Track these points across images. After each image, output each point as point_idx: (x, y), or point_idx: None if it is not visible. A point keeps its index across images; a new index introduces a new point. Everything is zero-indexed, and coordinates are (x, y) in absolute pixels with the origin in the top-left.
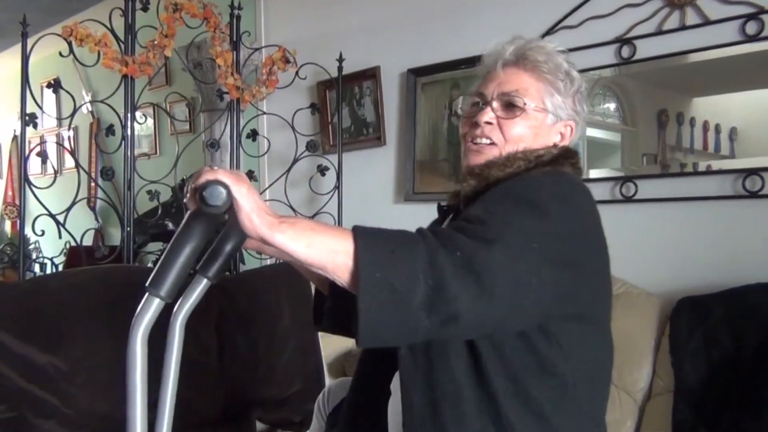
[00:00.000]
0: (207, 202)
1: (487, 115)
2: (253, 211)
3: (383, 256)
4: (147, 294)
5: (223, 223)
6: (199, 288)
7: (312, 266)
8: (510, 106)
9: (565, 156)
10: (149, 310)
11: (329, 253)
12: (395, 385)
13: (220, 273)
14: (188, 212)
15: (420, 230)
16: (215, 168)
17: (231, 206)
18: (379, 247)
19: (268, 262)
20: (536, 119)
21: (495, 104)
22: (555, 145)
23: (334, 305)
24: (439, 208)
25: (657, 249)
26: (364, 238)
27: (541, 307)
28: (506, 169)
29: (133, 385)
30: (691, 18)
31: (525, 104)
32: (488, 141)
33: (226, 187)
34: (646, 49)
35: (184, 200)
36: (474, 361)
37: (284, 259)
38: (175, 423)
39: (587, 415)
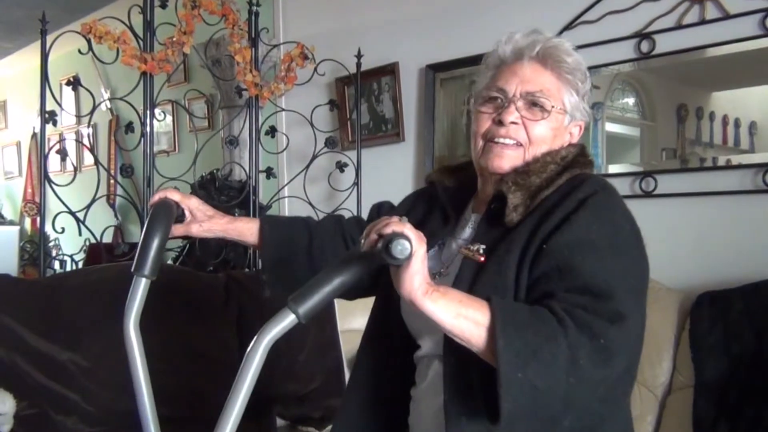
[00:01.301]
0: (392, 254)
1: (513, 114)
2: (418, 273)
3: (525, 357)
4: (285, 307)
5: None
6: (141, 288)
7: (455, 336)
8: (535, 106)
9: (583, 154)
10: (282, 322)
11: (474, 327)
12: (416, 393)
13: (156, 268)
14: (357, 250)
15: (559, 316)
16: (403, 220)
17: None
18: (520, 345)
19: None
20: (557, 120)
21: (519, 103)
22: (571, 144)
23: (274, 277)
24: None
25: (677, 244)
26: (504, 325)
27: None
28: (543, 175)
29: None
30: (711, 12)
31: (552, 106)
32: (513, 141)
33: (411, 243)
34: (665, 43)
35: (362, 239)
36: None
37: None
38: (195, 418)
39: (626, 410)
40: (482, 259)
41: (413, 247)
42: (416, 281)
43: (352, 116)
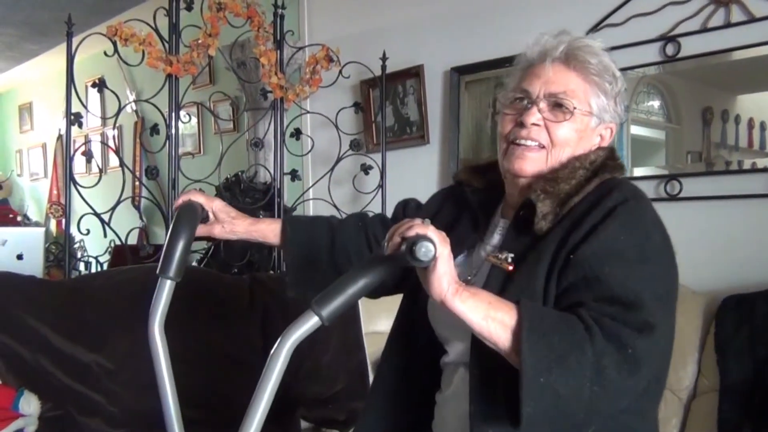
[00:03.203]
0: (416, 257)
1: (535, 116)
2: (446, 275)
3: (550, 362)
4: (309, 309)
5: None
6: (165, 290)
7: (483, 337)
8: (558, 108)
9: (612, 158)
10: (306, 324)
11: (502, 329)
12: (441, 398)
13: (181, 270)
14: (381, 253)
15: (587, 324)
16: (426, 222)
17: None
18: (545, 349)
19: None
20: (582, 122)
21: (542, 104)
22: (600, 148)
23: (296, 278)
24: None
25: (702, 247)
26: (531, 328)
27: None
28: (571, 182)
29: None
30: (736, 15)
31: (575, 108)
32: (535, 143)
33: (434, 245)
34: (690, 46)
35: (385, 242)
36: None
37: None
38: (220, 421)
39: (653, 420)
40: (510, 267)
41: (437, 248)
42: (444, 282)
43: (377, 119)
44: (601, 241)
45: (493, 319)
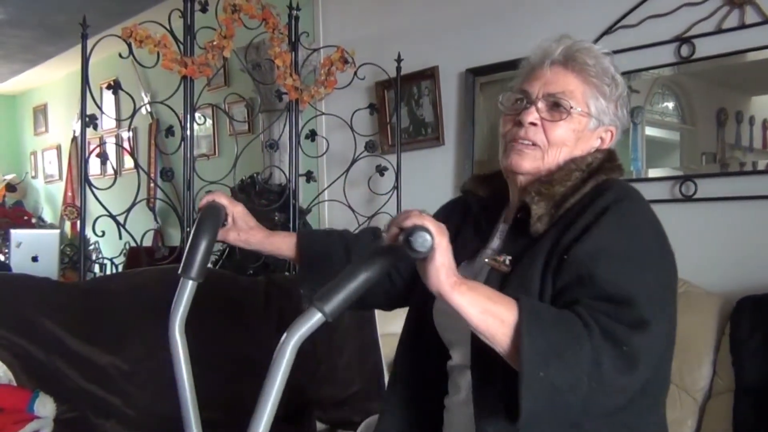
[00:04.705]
0: (413, 247)
1: (532, 115)
2: (443, 266)
3: (548, 356)
4: (311, 306)
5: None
6: (187, 291)
7: (479, 332)
8: (555, 107)
9: (610, 159)
10: (309, 322)
11: (500, 325)
12: (449, 403)
13: (202, 271)
14: (380, 245)
15: (585, 320)
16: (423, 212)
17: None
18: (543, 344)
19: None
20: (580, 123)
21: (540, 104)
22: (598, 150)
23: (314, 290)
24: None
25: (717, 248)
26: (530, 324)
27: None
28: (567, 183)
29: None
30: (751, 16)
31: (571, 107)
32: (531, 143)
33: (431, 235)
34: (705, 48)
35: (383, 231)
36: None
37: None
38: (235, 422)
39: (661, 418)
40: (508, 269)
41: (434, 239)
42: (442, 274)
43: (392, 120)
44: (594, 239)
45: (491, 314)
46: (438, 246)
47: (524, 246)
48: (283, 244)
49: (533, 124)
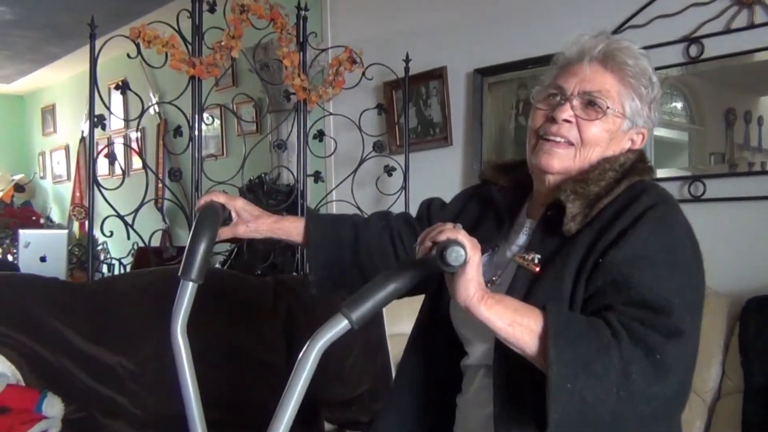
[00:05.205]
0: (447, 261)
1: (567, 112)
2: (473, 280)
3: (576, 368)
4: (338, 313)
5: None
6: (188, 292)
7: (509, 343)
8: (591, 106)
9: (642, 161)
10: (335, 328)
11: (528, 335)
12: (462, 401)
13: (203, 272)
14: (412, 257)
15: (614, 329)
16: (457, 227)
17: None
18: (572, 355)
19: None
20: (614, 123)
21: (575, 101)
22: (630, 151)
23: (320, 276)
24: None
25: (726, 248)
26: (557, 335)
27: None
28: (601, 183)
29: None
30: (760, 16)
31: (607, 107)
32: (564, 140)
33: (465, 250)
34: (713, 48)
35: (416, 247)
36: None
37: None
38: (243, 422)
39: (676, 427)
40: (537, 269)
41: (467, 254)
42: (471, 288)
43: (400, 120)
44: (631, 245)
45: (519, 325)
46: (471, 261)
47: (555, 246)
48: (293, 228)
49: (567, 121)
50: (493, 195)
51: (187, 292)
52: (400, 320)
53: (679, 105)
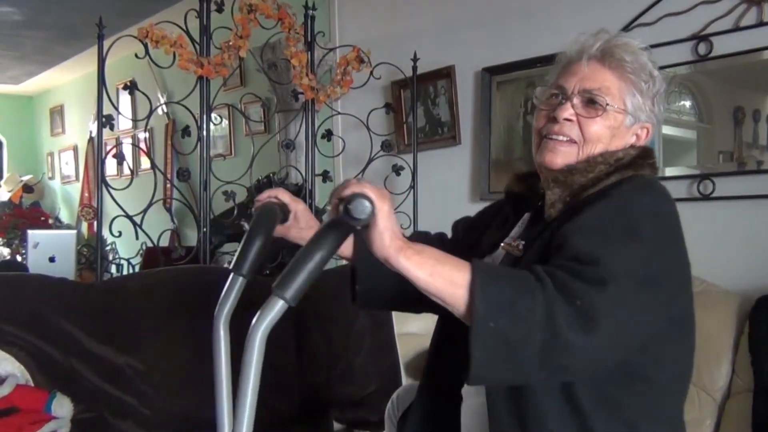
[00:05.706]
0: (352, 215)
1: (567, 111)
2: (387, 230)
3: (499, 307)
4: (272, 294)
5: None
6: (237, 287)
7: (430, 294)
8: (591, 104)
9: (643, 156)
10: (272, 310)
11: (450, 285)
12: (467, 390)
13: (254, 269)
14: (326, 221)
15: (538, 275)
16: (362, 181)
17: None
18: (495, 296)
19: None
20: (615, 120)
21: (576, 100)
22: (632, 146)
23: (365, 287)
24: (509, 196)
25: (735, 247)
26: (482, 279)
27: (641, 337)
28: (588, 174)
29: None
30: None
31: (607, 104)
32: (566, 138)
33: (371, 201)
34: (722, 46)
35: (326, 207)
36: None
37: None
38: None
39: (675, 418)
40: (520, 253)
41: (374, 204)
42: (386, 238)
43: (409, 119)
44: (583, 217)
45: (440, 275)
46: (379, 211)
47: (538, 232)
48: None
49: (568, 120)
50: (506, 203)
51: (236, 286)
52: (409, 320)
53: (687, 103)
